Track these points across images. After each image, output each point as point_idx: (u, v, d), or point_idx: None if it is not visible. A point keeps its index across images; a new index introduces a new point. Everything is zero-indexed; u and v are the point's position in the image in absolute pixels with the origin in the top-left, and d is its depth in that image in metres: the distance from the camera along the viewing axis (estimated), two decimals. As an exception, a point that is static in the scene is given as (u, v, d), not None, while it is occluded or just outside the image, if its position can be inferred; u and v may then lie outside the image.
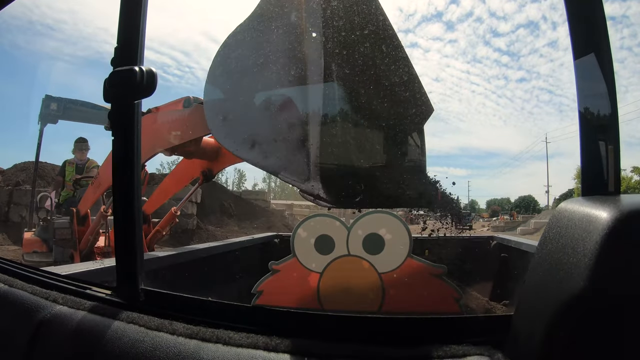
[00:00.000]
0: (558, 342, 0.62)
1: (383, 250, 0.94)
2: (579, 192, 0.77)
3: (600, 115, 0.90)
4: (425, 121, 1.99)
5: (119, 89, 1.08)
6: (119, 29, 1.12)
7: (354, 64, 1.73)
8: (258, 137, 1.81)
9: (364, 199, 1.64)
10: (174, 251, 2.77)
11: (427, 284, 0.93)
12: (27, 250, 6.23)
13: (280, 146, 1.79)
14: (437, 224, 1.63)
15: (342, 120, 1.79)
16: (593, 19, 0.91)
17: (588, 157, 0.90)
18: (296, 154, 1.73)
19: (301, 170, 1.74)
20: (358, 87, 1.74)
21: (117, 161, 1.12)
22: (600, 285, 0.59)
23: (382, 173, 1.75)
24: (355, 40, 1.73)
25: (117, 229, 1.13)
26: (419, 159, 1.97)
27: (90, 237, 4.95)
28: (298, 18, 1.74)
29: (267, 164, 1.83)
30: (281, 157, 1.79)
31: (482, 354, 0.74)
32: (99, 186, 4.64)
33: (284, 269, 0.99)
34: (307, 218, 0.99)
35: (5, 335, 1.15)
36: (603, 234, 0.60)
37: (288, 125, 1.76)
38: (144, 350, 0.88)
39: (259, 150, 1.81)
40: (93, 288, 1.20)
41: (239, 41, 1.75)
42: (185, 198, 4.42)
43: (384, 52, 1.76)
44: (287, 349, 0.81)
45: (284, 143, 1.76)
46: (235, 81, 1.80)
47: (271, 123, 1.76)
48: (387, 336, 0.83)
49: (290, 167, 1.75)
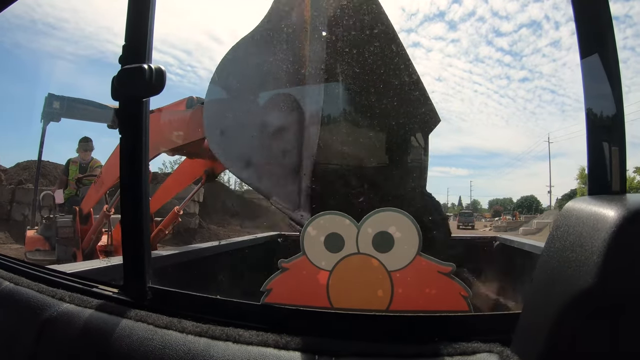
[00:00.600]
0: (566, 338, 0.63)
1: (392, 249, 0.95)
2: (581, 192, 0.78)
3: (607, 115, 0.90)
4: (431, 131, 2.03)
5: (127, 87, 1.08)
6: (127, 27, 1.12)
7: (362, 77, 1.75)
8: (253, 157, 1.81)
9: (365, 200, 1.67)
10: (176, 250, 2.77)
11: (435, 281, 0.93)
12: (29, 248, 6.24)
13: (274, 170, 1.80)
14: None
15: (345, 125, 1.81)
16: (599, 18, 0.91)
17: (594, 156, 0.91)
18: (289, 181, 1.74)
19: (293, 198, 1.75)
20: (364, 98, 1.77)
21: (125, 159, 1.12)
22: (608, 282, 0.59)
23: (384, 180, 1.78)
24: (363, 52, 1.76)
25: (124, 227, 1.13)
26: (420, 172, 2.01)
27: (92, 236, 4.97)
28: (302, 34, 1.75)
29: (260, 186, 1.83)
30: (274, 181, 1.79)
31: (491, 350, 0.75)
32: (102, 185, 4.66)
33: (293, 267, 0.99)
34: (316, 216, 0.99)
35: (11, 333, 1.15)
36: (610, 232, 0.60)
37: (282, 151, 1.77)
38: (153, 348, 0.88)
39: (253, 170, 1.81)
40: (99, 286, 1.20)
41: (244, 52, 1.75)
42: (188, 197, 4.43)
43: (395, 70, 1.77)
44: (298, 346, 0.81)
45: (278, 168, 1.77)
46: (235, 96, 1.81)
47: (267, 145, 1.77)
48: (396, 333, 0.83)
49: (282, 193, 1.76)
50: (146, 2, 1.10)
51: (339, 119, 1.83)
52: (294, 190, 1.72)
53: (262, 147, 1.79)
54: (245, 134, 1.80)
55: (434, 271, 0.94)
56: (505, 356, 0.72)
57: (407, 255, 0.94)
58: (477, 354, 0.75)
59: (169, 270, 2.36)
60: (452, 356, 0.75)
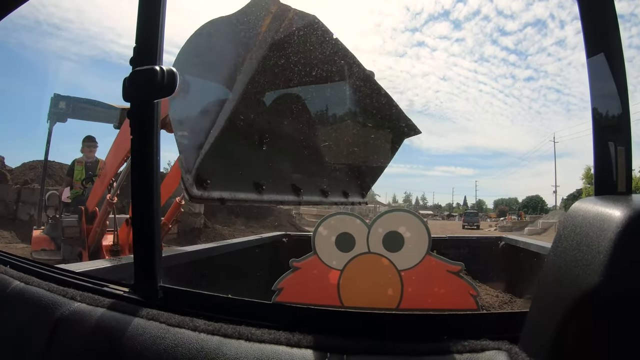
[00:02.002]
0: (573, 336, 0.64)
1: (402, 248, 0.96)
2: (587, 192, 0.79)
3: (613, 115, 0.91)
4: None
5: (139, 88, 1.09)
6: (137, 28, 1.12)
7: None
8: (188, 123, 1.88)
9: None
10: (181, 250, 2.77)
11: (445, 280, 0.94)
12: (35, 248, 6.27)
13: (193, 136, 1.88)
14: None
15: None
16: (605, 17, 0.92)
17: (601, 156, 0.91)
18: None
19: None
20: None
21: (136, 160, 1.13)
22: (616, 280, 0.60)
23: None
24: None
25: (135, 226, 1.14)
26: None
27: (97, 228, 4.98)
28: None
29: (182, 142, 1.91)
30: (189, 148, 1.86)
31: (500, 348, 0.76)
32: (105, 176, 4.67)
33: (304, 267, 1.00)
34: (328, 216, 1.00)
35: (23, 332, 1.16)
36: (617, 231, 0.61)
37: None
38: (165, 347, 0.89)
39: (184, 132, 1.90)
40: (110, 285, 1.21)
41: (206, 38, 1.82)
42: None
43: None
44: (309, 344, 0.82)
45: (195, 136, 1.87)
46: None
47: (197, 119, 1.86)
48: (406, 331, 0.84)
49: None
50: (157, 4, 1.11)
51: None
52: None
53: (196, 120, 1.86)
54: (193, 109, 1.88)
55: (443, 270, 0.95)
56: (514, 353, 0.73)
57: (416, 255, 0.96)
58: (486, 352, 0.76)
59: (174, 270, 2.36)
60: (461, 353, 0.76)
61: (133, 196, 1.13)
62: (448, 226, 37.15)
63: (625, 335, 0.60)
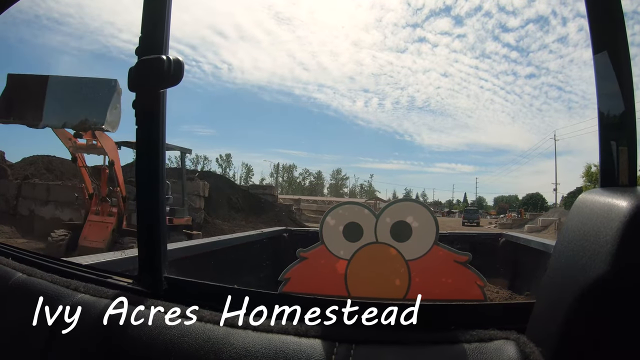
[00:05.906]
0: (580, 325, 0.65)
1: (410, 238, 0.96)
2: (587, 190, 0.79)
3: (618, 113, 0.91)
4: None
5: (145, 78, 1.08)
6: (143, 18, 1.11)
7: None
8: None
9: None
10: (182, 244, 2.78)
11: (452, 271, 0.95)
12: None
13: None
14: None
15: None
16: (611, 14, 0.92)
17: (605, 152, 0.92)
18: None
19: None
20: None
21: (141, 149, 1.12)
22: (623, 269, 0.61)
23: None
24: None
25: (140, 217, 1.14)
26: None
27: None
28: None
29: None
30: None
31: (508, 337, 0.76)
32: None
33: (312, 256, 1.00)
34: (336, 206, 1.00)
35: (26, 323, 1.16)
36: (624, 221, 0.63)
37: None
38: (172, 337, 0.89)
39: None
40: (114, 277, 1.20)
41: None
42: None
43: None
44: (317, 334, 0.82)
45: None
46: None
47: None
48: (415, 321, 0.85)
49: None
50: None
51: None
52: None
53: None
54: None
55: (451, 260, 0.96)
56: (522, 342, 0.73)
57: (424, 245, 0.96)
58: (494, 341, 0.76)
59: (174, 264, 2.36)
60: (469, 343, 0.76)
61: (138, 187, 1.13)
62: (448, 223, 37.23)
63: (633, 323, 0.61)
